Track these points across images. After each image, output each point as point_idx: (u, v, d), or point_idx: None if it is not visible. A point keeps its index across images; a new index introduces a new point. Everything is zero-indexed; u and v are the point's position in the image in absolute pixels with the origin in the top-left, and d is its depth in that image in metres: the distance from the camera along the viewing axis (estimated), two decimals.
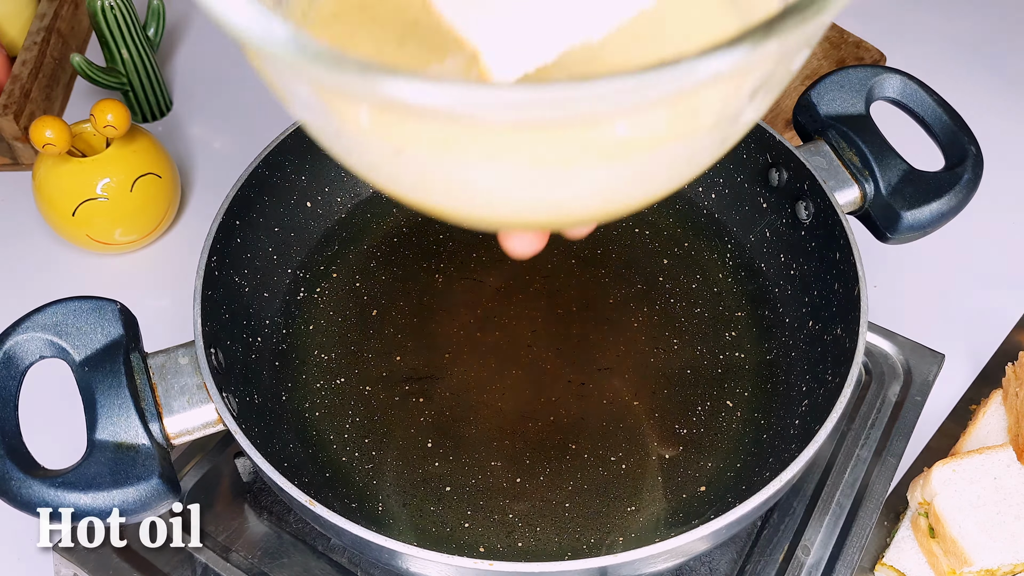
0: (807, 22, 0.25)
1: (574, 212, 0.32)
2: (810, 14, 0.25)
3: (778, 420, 0.54)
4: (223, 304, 0.53)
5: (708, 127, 0.30)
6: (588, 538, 0.51)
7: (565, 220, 0.34)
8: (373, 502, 0.52)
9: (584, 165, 0.29)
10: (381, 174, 0.31)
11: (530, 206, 0.31)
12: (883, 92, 0.58)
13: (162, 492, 0.43)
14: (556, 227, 0.35)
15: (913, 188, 0.54)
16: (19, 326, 0.45)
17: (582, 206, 0.32)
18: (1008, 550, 0.56)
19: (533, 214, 0.32)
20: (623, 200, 0.32)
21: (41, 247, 0.78)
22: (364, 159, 0.30)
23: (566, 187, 0.30)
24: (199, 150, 0.85)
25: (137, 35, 0.80)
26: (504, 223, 0.34)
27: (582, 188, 0.31)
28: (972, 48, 0.94)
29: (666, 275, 0.61)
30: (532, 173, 0.29)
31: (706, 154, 0.32)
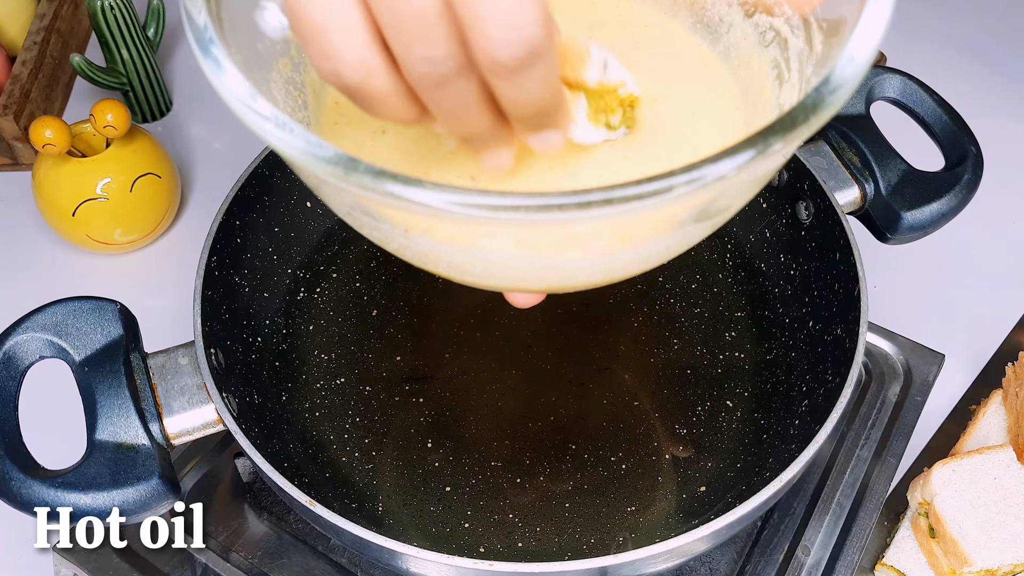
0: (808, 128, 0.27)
1: (570, 285, 0.35)
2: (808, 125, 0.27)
3: (778, 420, 0.54)
4: (223, 304, 0.53)
5: (697, 222, 0.32)
6: (588, 538, 0.51)
7: (562, 290, 0.36)
8: (373, 502, 0.52)
9: (576, 254, 0.32)
10: (390, 246, 0.34)
11: (526, 282, 0.34)
12: (883, 92, 0.58)
13: (162, 492, 0.43)
14: (556, 292, 0.37)
15: (913, 188, 0.54)
16: (19, 326, 0.45)
17: (577, 282, 0.34)
18: (1008, 550, 0.56)
19: (529, 287, 0.35)
20: (618, 276, 0.34)
21: (41, 247, 0.78)
22: (376, 235, 0.33)
23: (563, 270, 0.33)
24: (199, 150, 0.85)
25: (137, 35, 0.80)
26: (505, 290, 0.37)
27: (577, 270, 0.33)
28: (972, 48, 0.94)
29: (666, 275, 0.61)
30: (527, 261, 0.31)
31: (696, 237, 0.34)
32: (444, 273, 0.34)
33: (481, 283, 0.35)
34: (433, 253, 0.32)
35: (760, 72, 0.39)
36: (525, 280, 0.33)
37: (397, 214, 0.30)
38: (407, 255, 0.34)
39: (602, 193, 0.25)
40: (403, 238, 0.32)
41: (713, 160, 0.26)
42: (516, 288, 0.35)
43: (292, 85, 0.36)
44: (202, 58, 0.28)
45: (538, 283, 0.34)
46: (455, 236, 0.31)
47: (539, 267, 0.32)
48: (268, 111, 0.27)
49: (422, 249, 0.32)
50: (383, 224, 0.31)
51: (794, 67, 0.36)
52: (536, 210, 0.25)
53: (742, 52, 0.40)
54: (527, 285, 0.34)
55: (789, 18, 0.37)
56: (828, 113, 0.27)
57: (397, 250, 0.34)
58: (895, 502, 0.62)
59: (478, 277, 0.34)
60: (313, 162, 0.26)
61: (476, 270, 0.33)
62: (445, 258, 0.32)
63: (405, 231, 0.31)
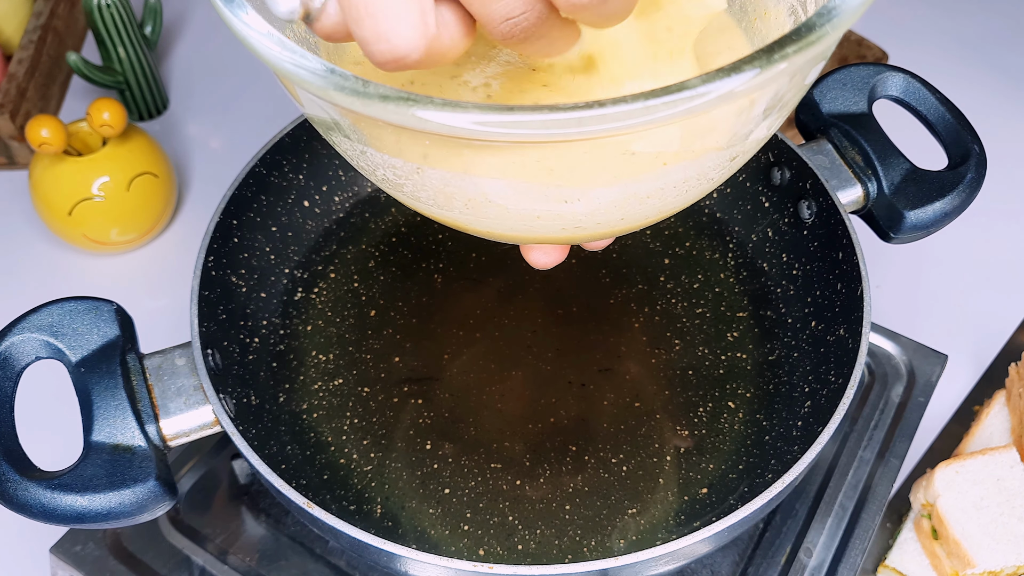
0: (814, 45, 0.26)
1: (590, 228, 0.33)
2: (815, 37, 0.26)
3: (780, 421, 0.54)
4: (220, 304, 0.53)
5: (719, 147, 0.31)
6: (589, 540, 0.50)
7: (582, 236, 0.34)
8: (371, 504, 0.52)
9: (598, 183, 0.30)
10: (404, 191, 0.33)
11: (546, 223, 0.32)
12: (886, 90, 0.57)
13: (159, 494, 0.42)
14: (574, 242, 0.36)
15: (916, 187, 0.54)
16: (15, 327, 0.45)
17: (598, 222, 0.33)
18: (1011, 552, 0.55)
19: (550, 230, 0.33)
20: (638, 216, 0.33)
21: (37, 247, 0.77)
22: (389, 177, 0.32)
23: (581, 204, 0.31)
24: (196, 149, 0.85)
25: (133, 34, 0.80)
26: (523, 238, 0.35)
27: (597, 205, 0.32)
28: (975, 46, 0.94)
29: (667, 275, 0.61)
30: (547, 191, 0.30)
31: (717, 172, 0.33)
32: (460, 218, 0.33)
33: (497, 228, 0.34)
34: (450, 190, 0.31)
35: (777, 21, 0.38)
36: (542, 219, 0.32)
37: (415, 145, 0.30)
38: (422, 198, 0.33)
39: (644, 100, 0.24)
40: (416, 175, 0.31)
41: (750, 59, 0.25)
42: (535, 235, 0.34)
43: (307, 46, 0.36)
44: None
45: (556, 224, 0.32)
46: (468, 164, 0.30)
47: (556, 199, 0.31)
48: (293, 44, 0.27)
49: (438, 186, 0.31)
50: (397, 161, 0.31)
51: (811, 8, 0.36)
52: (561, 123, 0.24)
53: (759, 4, 0.39)
54: (545, 229, 0.33)
55: None
56: None
57: (413, 193, 0.33)
58: (898, 504, 0.61)
59: (494, 220, 0.33)
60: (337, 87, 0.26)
61: (492, 210, 0.32)
62: (462, 196, 0.31)
63: (418, 166, 0.30)
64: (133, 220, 0.73)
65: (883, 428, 0.60)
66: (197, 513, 0.57)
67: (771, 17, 0.38)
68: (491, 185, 0.30)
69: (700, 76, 0.25)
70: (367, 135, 0.30)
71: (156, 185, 0.73)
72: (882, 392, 0.62)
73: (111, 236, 0.73)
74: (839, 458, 0.58)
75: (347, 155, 0.33)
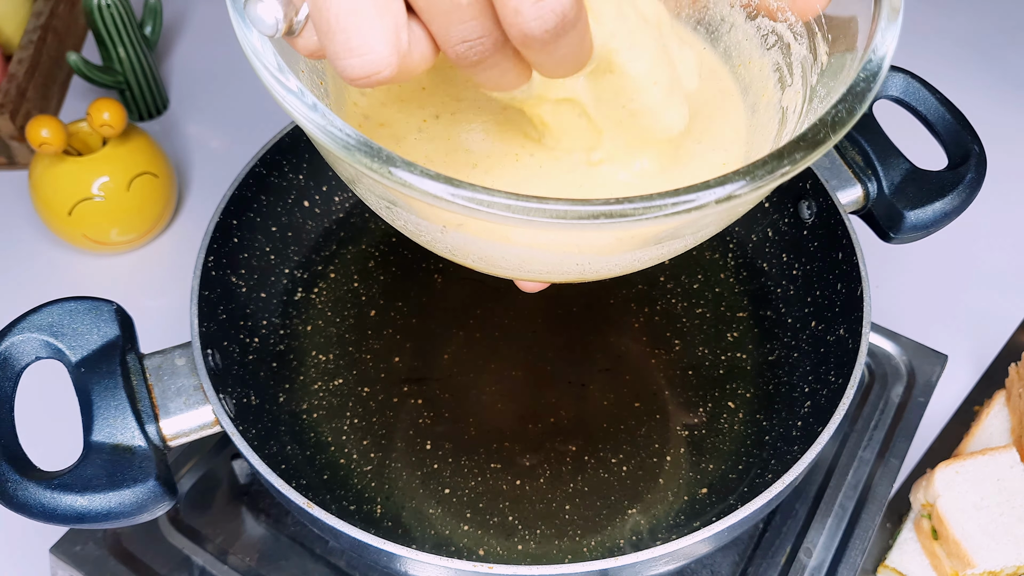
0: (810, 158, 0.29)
1: (589, 277, 0.36)
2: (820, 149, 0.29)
3: (780, 422, 0.54)
4: (220, 305, 0.53)
5: (710, 227, 0.34)
6: (589, 541, 0.50)
7: (580, 280, 0.37)
8: (371, 504, 0.52)
9: (604, 253, 0.33)
10: (422, 239, 0.35)
11: (551, 275, 0.36)
12: (886, 91, 0.57)
13: (159, 494, 0.42)
14: (572, 282, 0.39)
15: (916, 187, 0.54)
16: (15, 327, 0.45)
17: (597, 272, 0.36)
18: (1011, 552, 0.55)
19: (551, 278, 0.36)
20: (633, 269, 0.36)
21: (37, 247, 0.77)
22: (410, 229, 0.35)
23: (589, 268, 0.35)
24: (196, 149, 0.85)
25: (133, 34, 0.80)
26: (524, 280, 0.38)
27: (601, 267, 0.35)
28: (975, 47, 0.94)
29: (667, 275, 0.61)
30: (560, 259, 0.33)
31: (712, 231, 0.36)
32: (472, 265, 0.36)
33: (506, 275, 0.37)
34: (468, 248, 0.34)
35: (762, 74, 0.39)
36: (551, 273, 0.35)
37: (435, 212, 0.31)
38: (438, 248, 0.35)
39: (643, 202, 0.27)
40: (440, 233, 0.33)
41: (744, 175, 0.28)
42: (540, 279, 0.37)
43: (315, 73, 0.36)
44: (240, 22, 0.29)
45: (562, 275, 0.35)
46: (490, 233, 0.32)
47: (568, 262, 0.34)
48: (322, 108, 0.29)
49: (457, 244, 0.34)
50: (421, 220, 0.33)
51: (797, 72, 0.37)
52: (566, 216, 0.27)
53: (743, 52, 0.40)
54: (551, 278, 0.36)
55: (792, 24, 0.37)
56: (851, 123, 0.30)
57: (429, 243, 0.35)
58: (898, 504, 0.61)
59: (506, 270, 0.35)
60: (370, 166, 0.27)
61: (507, 263, 0.34)
62: (475, 252, 0.34)
63: (443, 228, 0.33)
64: (133, 220, 0.73)
65: (883, 428, 0.60)
66: (197, 513, 0.57)
67: (755, 67, 0.39)
68: (508, 250, 0.33)
69: (708, 181, 0.28)
70: (396, 197, 0.32)
71: (156, 185, 0.73)
72: (882, 392, 0.62)
73: (111, 236, 0.72)
74: (839, 458, 0.58)
75: (371, 205, 0.35)
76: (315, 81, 0.36)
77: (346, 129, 0.28)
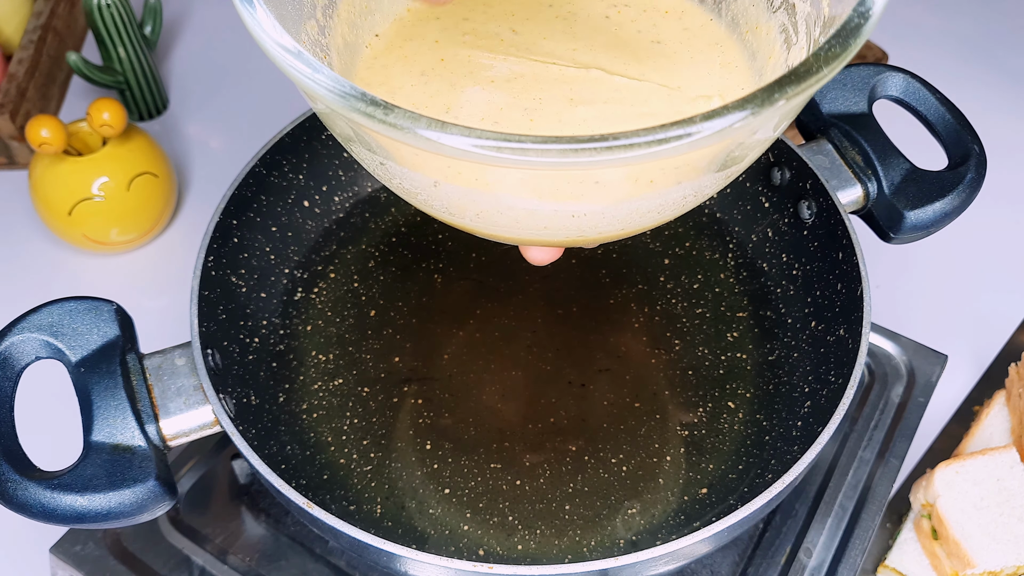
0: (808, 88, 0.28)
1: (591, 235, 0.35)
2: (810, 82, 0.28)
3: (780, 422, 0.54)
4: (220, 304, 0.53)
5: (714, 170, 0.33)
6: (589, 540, 0.50)
7: (582, 241, 0.36)
8: (371, 504, 0.52)
9: (604, 202, 0.33)
10: (419, 199, 0.34)
11: (552, 232, 0.34)
12: (886, 91, 0.57)
13: (159, 494, 0.42)
14: (574, 245, 0.38)
15: (916, 187, 0.54)
16: (15, 327, 0.45)
17: (599, 231, 0.35)
18: (1011, 552, 0.55)
19: (554, 237, 0.35)
20: (637, 226, 0.35)
21: (37, 247, 0.77)
22: (405, 187, 0.34)
23: (587, 219, 0.33)
24: (196, 149, 0.85)
25: (134, 33, 0.80)
26: (526, 242, 0.37)
27: (601, 219, 0.34)
28: (975, 46, 0.94)
29: (667, 275, 0.61)
30: (557, 208, 0.32)
31: (713, 187, 0.35)
32: (470, 225, 0.35)
33: (505, 235, 0.36)
34: (464, 202, 0.33)
35: (768, 37, 0.39)
36: (548, 229, 0.34)
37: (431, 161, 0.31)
38: (435, 208, 0.35)
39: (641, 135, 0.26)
40: (433, 188, 0.33)
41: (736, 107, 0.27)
42: (539, 240, 0.36)
43: (318, 47, 0.37)
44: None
45: (561, 233, 0.34)
46: (483, 183, 0.31)
47: (564, 214, 0.33)
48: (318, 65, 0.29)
49: (453, 198, 0.33)
50: (415, 174, 0.32)
51: (801, 30, 0.37)
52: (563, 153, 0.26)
53: (750, 18, 0.40)
54: (550, 236, 0.35)
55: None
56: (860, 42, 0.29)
57: (426, 201, 0.34)
58: (898, 504, 0.61)
59: (505, 229, 0.35)
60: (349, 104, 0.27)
61: (504, 220, 0.34)
62: (472, 208, 0.33)
63: (436, 182, 0.32)
64: (133, 220, 0.73)
65: (883, 428, 0.60)
66: (197, 513, 0.57)
67: (762, 32, 0.39)
68: (504, 200, 0.32)
69: (703, 114, 0.27)
70: (389, 151, 0.32)
71: (156, 185, 0.73)
72: (882, 392, 0.62)
73: (111, 236, 0.72)
74: (839, 458, 0.58)
75: (365, 164, 0.35)
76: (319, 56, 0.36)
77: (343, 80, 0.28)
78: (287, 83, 0.90)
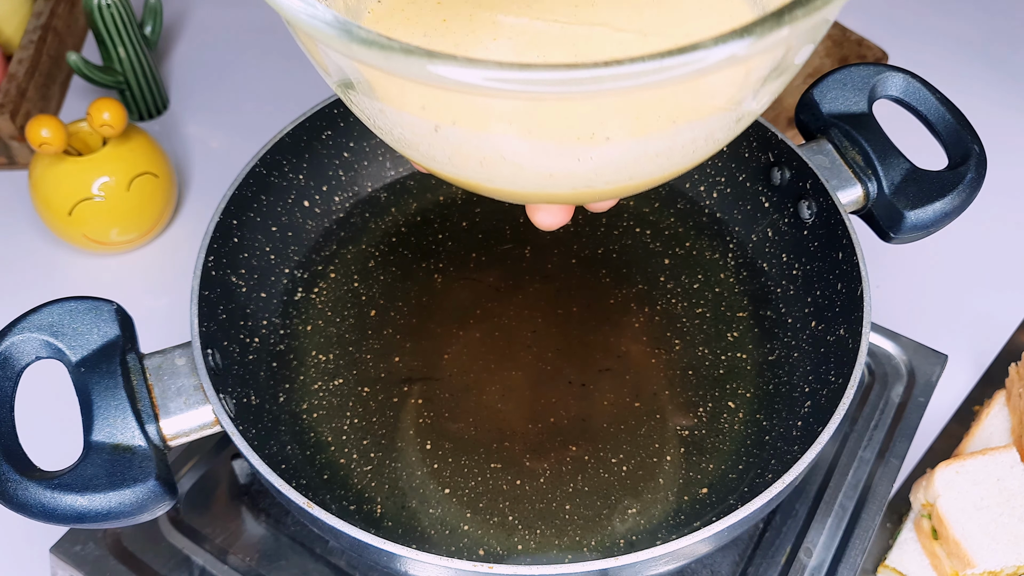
0: (813, 13, 0.27)
1: (599, 187, 0.34)
2: (816, 6, 0.27)
3: (780, 421, 0.54)
4: (220, 304, 0.53)
5: (727, 107, 0.32)
6: (589, 540, 0.50)
7: (589, 195, 0.35)
8: (371, 504, 0.52)
9: (611, 140, 0.31)
10: (419, 150, 0.33)
11: (558, 181, 0.33)
12: (886, 90, 0.57)
13: (159, 494, 0.42)
14: (581, 201, 0.37)
15: (916, 187, 0.54)
16: (15, 327, 0.45)
17: (607, 180, 0.34)
18: (1011, 552, 0.55)
19: (561, 188, 0.34)
20: (646, 175, 0.34)
21: (37, 247, 0.77)
22: (406, 137, 0.33)
23: (593, 162, 0.32)
24: (196, 149, 0.85)
25: (134, 33, 0.80)
26: (533, 197, 0.36)
27: (608, 163, 0.32)
28: (975, 46, 0.94)
29: (667, 275, 0.61)
30: (562, 148, 0.31)
31: (724, 133, 0.34)
32: (474, 178, 0.34)
33: (510, 187, 0.35)
34: (465, 148, 0.32)
35: None
36: (554, 177, 0.33)
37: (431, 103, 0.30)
38: (436, 160, 0.34)
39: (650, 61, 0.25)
40: (434, 134, 0.32)
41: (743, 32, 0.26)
42: (545, 193, 0.35)
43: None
44: None
45: (567, 182, 0.33)
46: (485, 124, 0.31)
47: (569, 157, 0.32)
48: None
49: (454, 144, 0.32)
50: (414, 118, 0.31)
51: None
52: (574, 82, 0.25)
53: None
54: (556, 186, 0.34)
55: None
56: None
57: (428, 153, 0.34)
58: (898, 504, 0.61)
59: (507, 179, 0.33)
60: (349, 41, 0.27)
61: (507, 168, 0.33)
62: (474, 155, 0.32)
63: (436, 126, 0.31)
64: (133, 220, 0.73)
65: (883, 428, 0.60)
66: (197, 513, 0.57)
67: None
68: (506, 142, 0.31)
69: (713, 37, 0.26)
70: (389, 93, 0.31)
71: (156, 185, 0.73)
72: (882, 392, 0.62)
73: (111, 236, 0.72)
74: (839, 458, 0.58)
75: (364, 114, 0.34)
76: None
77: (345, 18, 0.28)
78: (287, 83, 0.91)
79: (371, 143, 0.64)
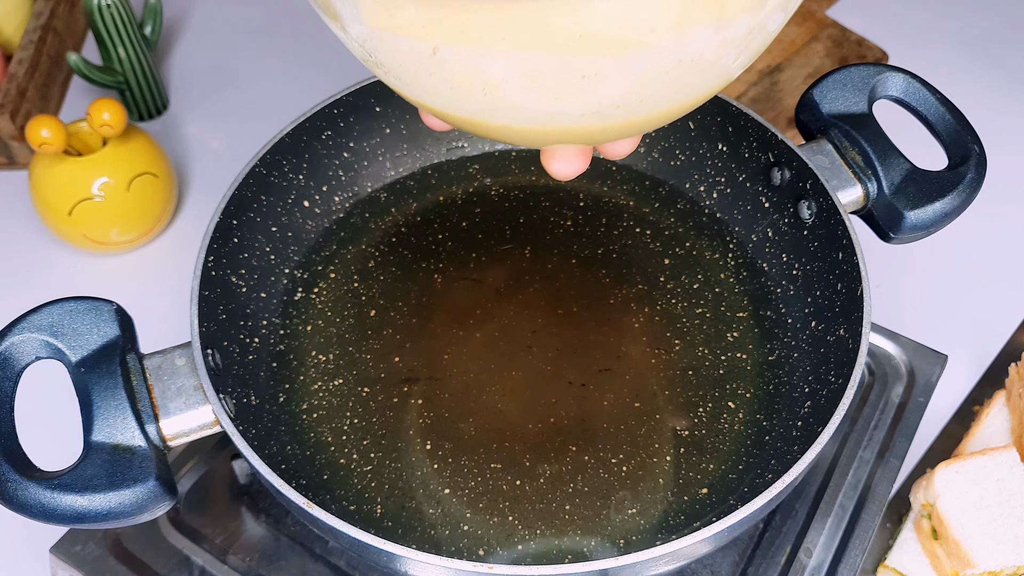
0: None
1: (610, 115, 0.32)
2: None
3: (780, 422, 0.54)
4: (220, 304, 0.53)
5: (727, 18, 0.30)
6: (589, 541, 0.50)
7: (602, 128, 0.33)
8: (371, 504, 0.52)
9: (616, 52, 0.29)
10: (419, 83, 0.31)
11: (565, 106, 0.31)
12: (886, 91, 0.57)
13: (159, 494, 0.42)
14: (594, 139, 0.35)
15: (916, 187, 0.54)
16: (15, 327, 0.45)
17: (617, 105, 0.32)
18: (1011, 552, 0.55)
19: (569, 119, 0.32)
20: (658, 99, 0.32)
21: (37, 247, 0.77)
22: (404, 67, 0.31)
23: (599, 79, 0.30)
24: (196, 149, 0.85)
25: (134, 34, 0.80)
26: (541, 133, 0.34)
27: (616, 80, 0.30)
28: (975, 46, 0.94)
29: (667, 275, 0.61)
30: (565, 62, 0.29)
31: (733, 56, 0.32)
32: (478, 111, 0.32)
33: (515, 122, 0.33)
34: (466, 72, 0.30)
35: None
36: (560, 101, 0.31)
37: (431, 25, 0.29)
38: (437, 90, 0.32)
39: None
40: (432, 59, 0.30)
41: None
42: (554, 129, 0.33)
43: None
44: None
45: (575, 108, 0.31)
46: (486, 38, 0.29)
47: (574, 75, 0.30)
48: None
49: (455, 69, 0.30)
50: (411, 40, 0.30)
51: None
52: None
53: None
54: (564, 117, 0.32)
55: None
56: None
57: (429, 84, 0.32)
58: (898, 504, 0.61)
59: (512, 110, 0.32)
60: None
61: (510, 93, 0.31)
62: (478, 78, 0.30)
63: (434, 48, 0.30)
64: (133, 220, 0.73)
65: (883, 428, 0.60)
66: (197, 513, 0.57)
67: None
68: (509, 60, 0.29)
69: None
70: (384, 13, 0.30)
71: (156, 185, 0.73)
72: (882, 392, 0.62)
73: (111, 236, 0.72)
74: (839, 458, 0.58)
75: (363, 48, 0.32)
76: None
77: None
78: (287, 83, 0.90)
79: (371, 143, 0.64)
